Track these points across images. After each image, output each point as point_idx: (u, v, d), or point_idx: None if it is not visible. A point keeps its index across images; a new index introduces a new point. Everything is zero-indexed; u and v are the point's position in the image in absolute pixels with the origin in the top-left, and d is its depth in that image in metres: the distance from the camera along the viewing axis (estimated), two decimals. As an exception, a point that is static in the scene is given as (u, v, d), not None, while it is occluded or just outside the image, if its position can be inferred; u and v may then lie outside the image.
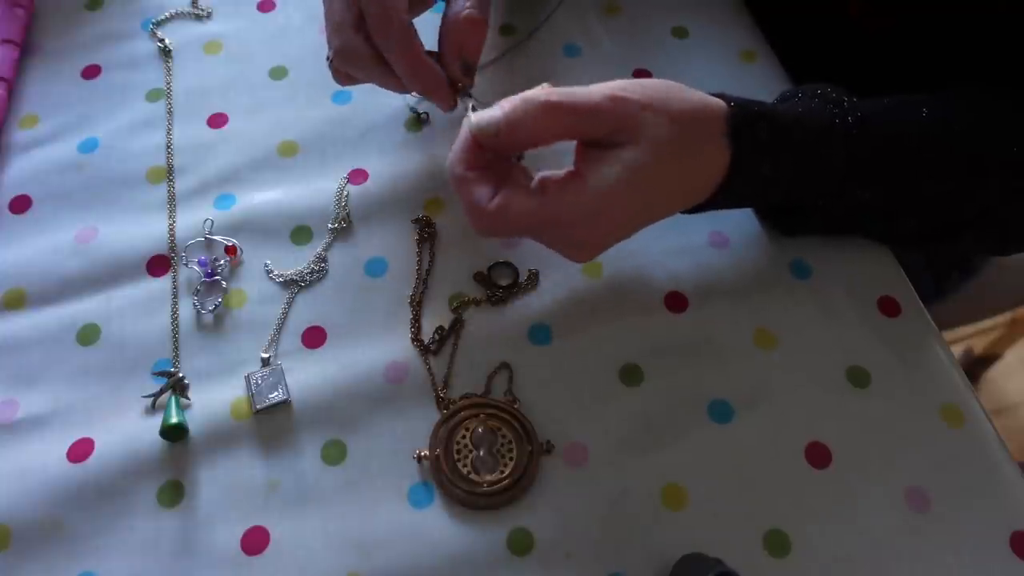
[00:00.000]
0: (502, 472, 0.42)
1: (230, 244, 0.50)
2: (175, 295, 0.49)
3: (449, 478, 0.42)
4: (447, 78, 0.44)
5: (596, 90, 0.38)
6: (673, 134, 0.38)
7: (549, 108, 0.37)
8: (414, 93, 0.54)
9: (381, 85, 0.46)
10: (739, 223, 0.51)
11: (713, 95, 0.41)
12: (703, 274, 0.49)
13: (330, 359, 0.46)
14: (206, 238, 0.50)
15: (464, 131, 0.39)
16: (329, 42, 0.46)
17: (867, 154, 0.43)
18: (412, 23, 0.43)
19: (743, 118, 0.41)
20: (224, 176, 0.53)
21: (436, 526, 0.42)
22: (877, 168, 0.43)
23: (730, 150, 0.40)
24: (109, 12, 0.61)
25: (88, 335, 0.47)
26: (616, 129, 0.38)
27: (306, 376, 0.46)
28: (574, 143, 0.40)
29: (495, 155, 0.39)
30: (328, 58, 0.47)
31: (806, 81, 0.47)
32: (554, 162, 0.41)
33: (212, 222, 0.51)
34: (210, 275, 0.49)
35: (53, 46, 0.59)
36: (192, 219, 0.51)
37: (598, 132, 0.38)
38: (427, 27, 0.45)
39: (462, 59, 0.44)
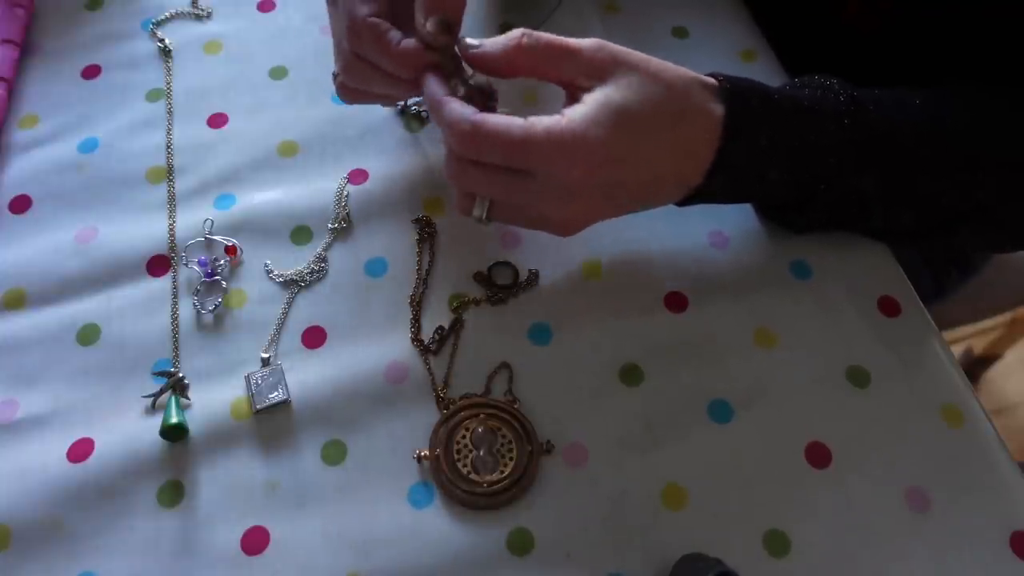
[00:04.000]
0: (502, 472, 0.42)
1: (230, 244, 0.50)
2: (175, 295, 0.49)
3: (449, 478, 0.42)
4: (425, 41, 0.42)
5: (580, 39, 0.41)
6: (649, 85, 0.39)
7: (526, 36, 0.40)
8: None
9: (393, 94, 0.46)
10: (739, 222, 0.51)
11: (704, 75, 0.42)
12: (703, 274, 0.49)
13: (330, 359, 0.46)
14: (206, 238, 0.50)
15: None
16: (336, 63, 0.47)
17: (862, 132, 0.43)
18: (379, 19, 0.42)
19: (734, 91, 0.41)
20: (224, 176, 0.53)
21: (436, 526, 0.42)
22: (872, 146, 0.43)
23: (723, 116, 0.41)
24: (109, 12, 0.61)
25: (88, 335, 0.47)
26: (589, 73, 0.39)
27: (306, 376, 0.46)
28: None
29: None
30: (334, 74, 0.47)
31: (805, 81, 0.47)
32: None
33: (212, 222, 0.51)
34: (210, 275, 0.49)
35: (53, 46, 0.59)
36: (192, 219, 0.51)
37: (572, 72, 0.40)
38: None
39: (441, 16, 0.41)
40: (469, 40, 0.41)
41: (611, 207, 0.43)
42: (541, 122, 0.38)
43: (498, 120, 0.38)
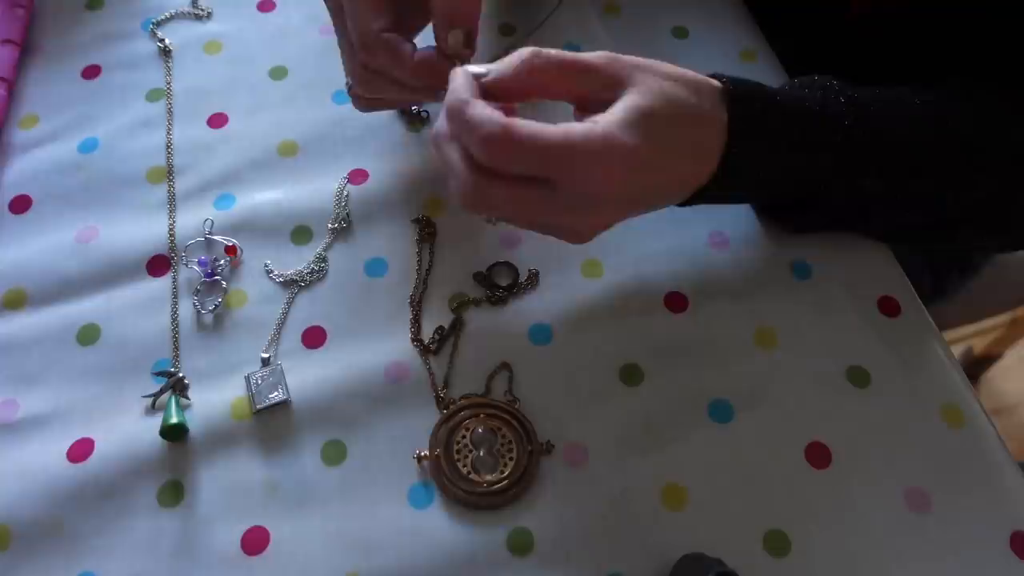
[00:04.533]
0: (502, 472, 0.42)
1: (230, 244, 0.50)
2: (175, 295, 0.49)
3: (449, 478, 0.42)
4: (445, 54, 0.42)
5: (589, 53, 0.39)
6: (669, 88, 0.39)
7: (537, 56, 0.37)
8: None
9: (409, 101, 0.46)
10: (739, 223, 0.51)
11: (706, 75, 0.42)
12: (703, 274, 0.49)
13: (330, 359, 0.46)
14: (206, 238, 0.50)
15: (461, 72, 0.39)
16: (347, 75, 0.47)
17: (863, 134, 0.43)
18: (391, 33, 0.42)
19: (737, 93, 0.41)
20: (224, 176, 0.53)
21: (436, 526, 0.42)
22: (873, 147, 0.43)
23: (727, 116, 0.41)
24: (109, 12, 0.61)
25: (88, 335, 0.47)
26: (608, 85, 0.38)
27: (306, 376, 0.46)
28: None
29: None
30: (347, 85, 0.48)
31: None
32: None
33: (212, 222, 0.51)
34: (210, 275, 0.49)
35: (53, 46, 0.59)
36: (192, 219, 0.51)
37: (588, 87, 0.39)
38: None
39: (461, 30, 0.42)
40: (476, 68, 0.39)
41: (627, 214, 0.42)
42: (577, 128, 0.36)
43: (532, 125, 0.36)
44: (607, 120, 0.37)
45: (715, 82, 0.42)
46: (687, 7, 0.61)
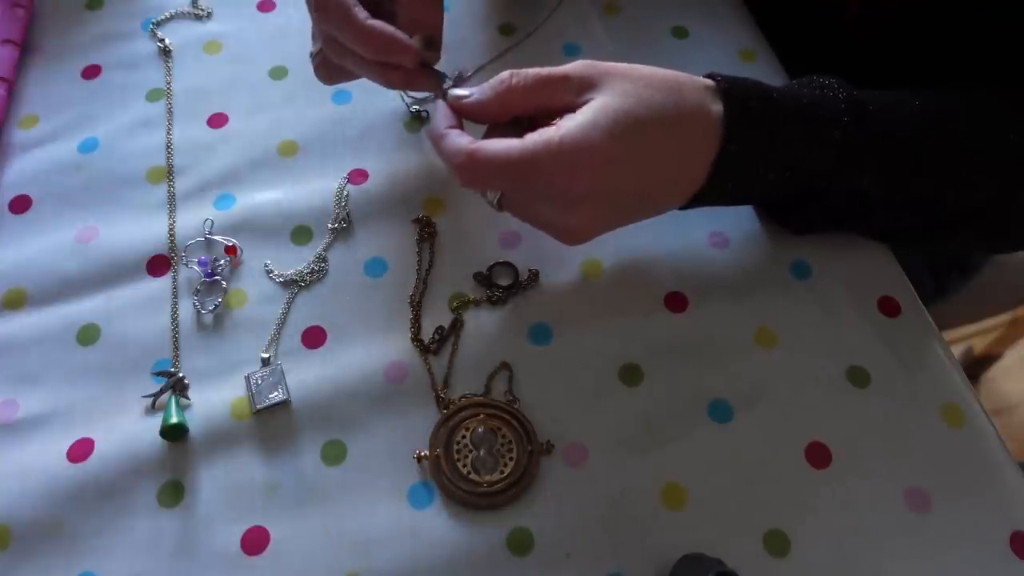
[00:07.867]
0: (502, 472, 0.42)
1: (230, 244, 0.50)
2: (175, 295, 0.49)
3: (449, 478, 0.42)
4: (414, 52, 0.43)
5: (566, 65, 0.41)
6: (641, 89, 0.39)
7: (514, 75, 0.40)
8: (409, 93, 0.55)
9: (367, 76, 0.46)
10: (739, 223, 0.51)
11: (703, 75, 0.42)
12: (703, 274, 0.49)
13: (330, 359, 0.46)
14: (206, 238, 0.50)
15: (441, 103, 0.42)
16: (313, 44, 0.48)
17: (861, 133, 0.43)
18: None
19: (732, 91, 0.41)
20: (224, 176, 0.53)
21: (436, 526, 0.42)
22: (871, 147, 0.43)
23: (721, 117, 0.41)
24: (109, 12, 0.61)
25: (88, 335, 0.47)
26: (581, 89, 0.40)
27: (306, 376, 0.46)
28: None
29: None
30: (311, 54, 0.48)
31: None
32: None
33: (212, 222, 0.51)
34: (210, 275, 0.49)
35: (53, 46, 0.59)
36: (192, 219, 0.51)
37: (566, 96, 0.40)
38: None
39: (424, 34, 0.43)
40: (458, 91, 0.41)
41: (615, 215, 0.43)
42: (540, 136, 0.38)
43: (495, 144, 0.38)
44: (569, 123, 0.38)
45: (706, 81, 0.42)
46: (687, 7, 0.61)
